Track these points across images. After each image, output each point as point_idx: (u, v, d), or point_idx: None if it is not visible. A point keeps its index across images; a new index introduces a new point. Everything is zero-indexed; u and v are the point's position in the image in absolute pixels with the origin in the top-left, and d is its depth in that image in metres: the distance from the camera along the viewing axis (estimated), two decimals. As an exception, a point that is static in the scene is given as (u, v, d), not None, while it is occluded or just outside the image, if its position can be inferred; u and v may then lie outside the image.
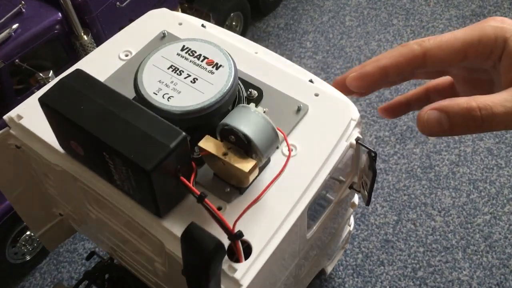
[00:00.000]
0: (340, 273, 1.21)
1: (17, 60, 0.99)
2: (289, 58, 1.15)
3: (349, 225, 1.02)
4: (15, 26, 0.98)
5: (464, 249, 1.24)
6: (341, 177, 0.68)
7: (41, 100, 0.50)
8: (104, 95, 0.49)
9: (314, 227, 0.67)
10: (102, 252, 1.12)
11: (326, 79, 0.94)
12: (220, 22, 1.52)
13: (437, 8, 1.79)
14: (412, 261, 1.22)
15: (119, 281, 0.91)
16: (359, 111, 0.62)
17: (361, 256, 1.23)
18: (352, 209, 0.90)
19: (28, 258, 1.21)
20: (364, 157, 0.69)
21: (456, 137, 1.43)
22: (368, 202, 0.68)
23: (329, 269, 1.14)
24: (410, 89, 1.53)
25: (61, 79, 0.51)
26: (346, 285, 1.19)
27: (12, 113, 0.61)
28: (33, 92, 1.08)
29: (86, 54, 1.09)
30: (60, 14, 1.05)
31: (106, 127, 0.46)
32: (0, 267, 1.15)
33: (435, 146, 1.42)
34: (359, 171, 0.71)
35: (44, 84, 0.95)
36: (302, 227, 0.60)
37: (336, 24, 1.76)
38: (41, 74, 0.92)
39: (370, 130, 1.46)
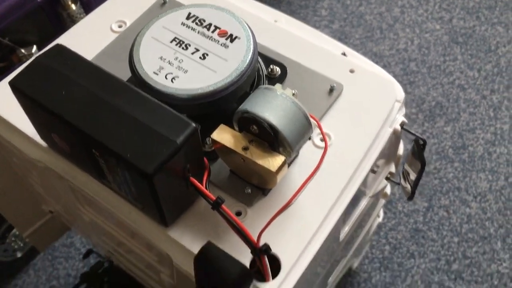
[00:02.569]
0: (365, 267, 1.14)
1: (-5, 35, 0.90)
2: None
3: (378, 216, 0.95)
4: (-9, -6, 0.89)
5: (504, 239, 1.16)
6: (375, 168, 0.60)
7: (12, 83, 0.41)
8: (92, 77, 0.41)
9: (346, 228, 0.59)
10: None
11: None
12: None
13: (466, -32, 1.68)
14: (446, 253, 1.15)
15: (119, 287, 0.85)
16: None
17: (388, 247, 1.16)
18: (383, 199, 0.83)
19: (19, 255, 1.15)
20: (402, 143, 0.62)
21: (492, 114, 1.34)
22: (411, 197, 0.60)
23: (355, 264, 1.07)
24: (444, 65, 1.43)
25: (37, 57, 0.42)
26: (373, 280, 1.12)
27: (-17, 99, 0.53)
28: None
29: (75, 27, 1.00)
30: (44, -20, 0.96)
31: (95, 118, 0.38)
32: (-12, 266, 1.09)
33: (468, 124, 1.33)
34: (396, 159, 0.64)
35: (28, 62, 0.87)
36: (337, 232, 0.52)
37: (353, -12, 1.66)
38: (22, 50, 0.83)
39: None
